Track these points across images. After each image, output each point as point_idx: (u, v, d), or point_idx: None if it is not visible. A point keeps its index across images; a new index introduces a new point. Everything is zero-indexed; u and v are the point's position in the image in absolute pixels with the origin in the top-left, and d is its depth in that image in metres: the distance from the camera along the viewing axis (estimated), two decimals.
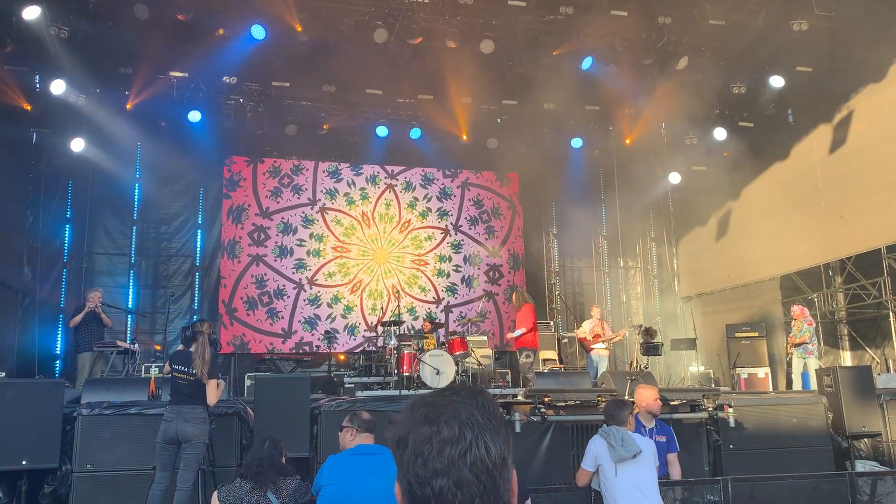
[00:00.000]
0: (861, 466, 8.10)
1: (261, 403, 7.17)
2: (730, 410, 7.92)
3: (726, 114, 13.81)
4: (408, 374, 10.31)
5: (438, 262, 15.26)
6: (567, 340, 13.94)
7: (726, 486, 6.14)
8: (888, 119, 10.59)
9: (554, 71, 12.58)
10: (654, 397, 5.94)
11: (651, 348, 11.52)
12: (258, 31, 11.14)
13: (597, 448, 5.05)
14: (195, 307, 13.69)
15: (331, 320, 14.19)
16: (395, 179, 15.24)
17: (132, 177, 13.65)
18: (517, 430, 7.36)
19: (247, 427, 7.20)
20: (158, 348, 12.39)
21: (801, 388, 10.33)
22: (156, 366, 10.67)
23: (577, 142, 14.67)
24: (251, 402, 7.38)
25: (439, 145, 14.77)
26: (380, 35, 11.29)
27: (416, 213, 15.27)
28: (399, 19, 11.33)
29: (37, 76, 11.88)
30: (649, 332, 11.71)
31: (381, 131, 14.02)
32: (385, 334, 11.42)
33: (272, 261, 14.22)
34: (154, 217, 13.80)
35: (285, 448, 4.70)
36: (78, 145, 12.27)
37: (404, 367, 10.34)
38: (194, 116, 13.00)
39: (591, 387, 8.90)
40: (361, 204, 14.97)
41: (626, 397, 7.16)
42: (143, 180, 13.75)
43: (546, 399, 7.56)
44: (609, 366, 12.01)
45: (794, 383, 10.93)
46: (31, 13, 10.15)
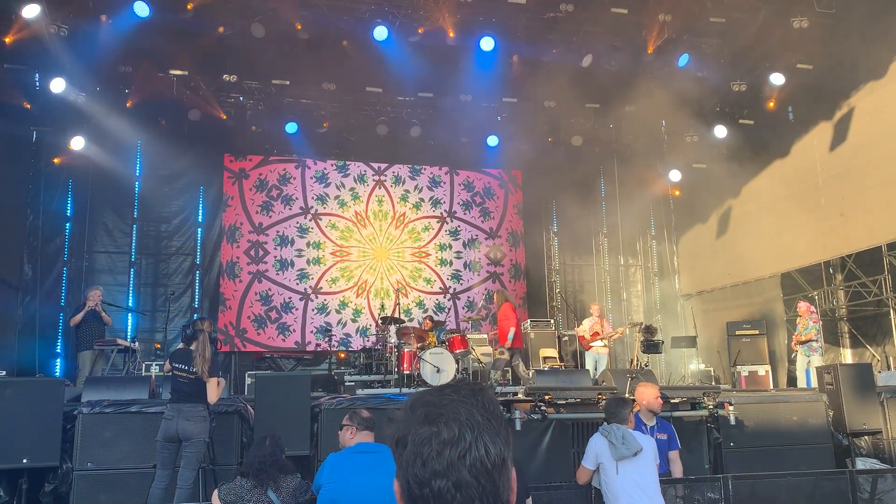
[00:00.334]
0: (861, 464, 8.09)
1: (261, 401, 7.17)
2: (730, 408, 7.91)
3: (727, 111, 13.80)
4: (408, 372, 10.31)
5: (439, 251, 15.25)
6: (567, 338, 13.93)
7: (727, 483, 6.15)
8: (889, 116, 10.58)
9: (554, 68, 12.57)
10: (654, 395, 5.94)
11: (651, 346, 11.52)
12: (258, 30, 11.13)
13: (597, 446, 5.05)
14: (195, 305, 13.69)
15: (342, 326, 14.15)
16: (384, 175, 15.19)
17: (132, 175, 13.64)
18: (517, 427, 7.36)
19: (247, 425, 7.20)
20: (158, 346, 12.40)
21: (806, 386, 10.32)
22: (156, 364, 10.67)
23: (577, 139, 14.65)
24: (251, 401, 7.39)
25: (439, 143, 14.75)
26: (380, 33, 11.28)
27: (410, 206, 15.24)
28: (399, 17, 11.32)
29: (36, 74, 11.88)
30: (650, 330, 11.70)
31: (381, 129, 14.01)
32: (384, 332, 11.43)
33: (274, 275, 14.16)
34: (154, 215, 13.79)
35: (285, 446, 4.69)
36: (78, 143, 12.26)
37: (404, 365, 10.33)
38: (194, 115, 12.98)
39: (592, 385, 8.90)
40: (354, 204, 14.91)
41: (626, 395, 7.16)
42: (143, 178, 13.74)
43: (546, 397, 7.56)
44: (609, 363, 12.00)
45: (798, 380, 10.93)
46: (31, 11, 10.14)
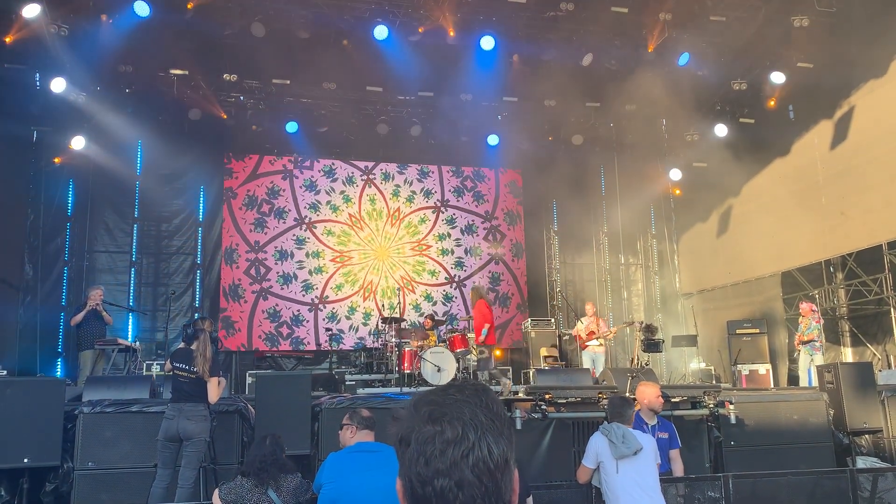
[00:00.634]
0: (862, 463, 8.09)
1: (262, 401, 7.18)
2: (731, 407, 7.91)
3: (727, 110, 13.79)
4: (409, 371, 10.32)
5: (439, 241, 15.25)
6: (567, 337, 13.95)
7: (727, 482, 6.15)
8: (889, 115, 10.57)
9: (554, 67, 12.58)
10: (656, 394, 5.94)
11: (652, 345, 11.53)
12: (258, 29, 11.13)
13: (598, 445, 5.05)
14: (196, 305, 13.70)
15: (354, 331, 14.06)
16: (373, 174, 15.15)
17: (133, 174, 13.63)
18: (518, 427, 7.36)
19: (248, 425, 7.21)
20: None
21: (808, 385, 10.31)
22: (157, 363, 10.68)
23: (577, 138, 14.64)
24: (252, 400, 7.39)
25: (440, 142, 14.76)
26: (380, 32, 11.29)
27: (403, 200, 15.21)
28: (399, 16, 11.33)
29: (37, 74, 11.87)
30: (650, 329, 11.72)
31: (382, 129, 14.01)
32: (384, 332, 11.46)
33: (279, 290, 14.11)
34: (155, 215, 13.79)
35: (286, 445, 4.70)
36: (78, 143, 12.28)
37: (405, 364, 10.35)
38: (194, 114, 12.99)
39: (592, 384, 8.91)
40: (346, 207, 14.85)
41: (627, 394, 7.17)
42: (144, 178, 13.74)
43: (547, 396, 7.56)
44: (607, 362, 12.00)
45: (800, 380, 10.93)
46: (31, 11, 10.14)
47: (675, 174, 14.87)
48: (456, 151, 15.05)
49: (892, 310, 11.11)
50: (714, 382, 11.33)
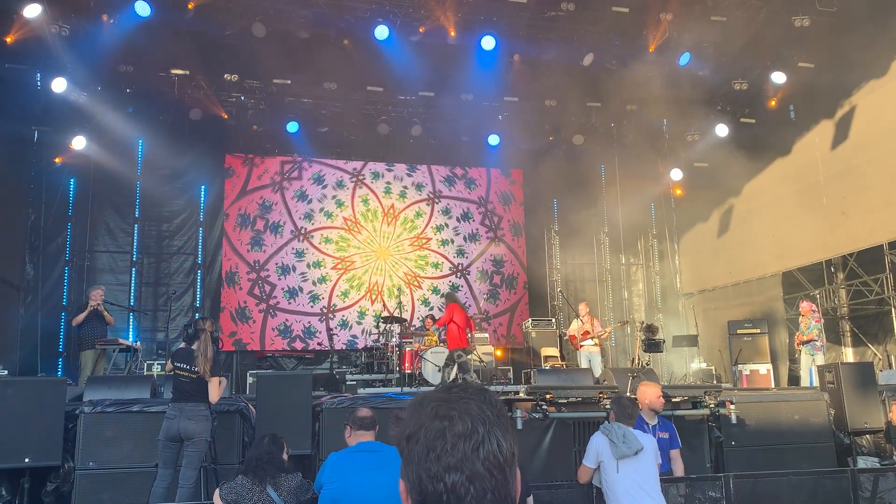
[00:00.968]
0: (863, 463, 8.09)
1: (262, 401, 7.18)
2: (731, 407, 7.91)
3: (728, 110, 13.78)
4: (409, 371, 10.32)
5: (437, 232, 15.25)
6: (567, 337, 13.94)
7: (728, 482, 6.14)
8: (890, 115, 10.57)
9: (555, 67, 12.57)
10: (657, 394, 5.94)
11: (653, 345, 11.53)
12: (259, 29, 11.13)
13: (598, 445, 5.05)
14: (197, 304, 13.71)
15: (367, 335, 13.67)
16: (362, 174, 15.08)
17: (133, 174, 13.64)
18: (519, 427, 7.37)
19: (249, 424, 7.20)
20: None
21: (809, 385, 10.31)
22: (158, 363, 10.68)
23: (578, 138, 14.64)
24: (253, 400, 7.39)
25: (440, 142, 14.77)
26: (381, 32, 11.28)
27: (396, 196, 15.19)
28: (400, 16, 11.32)
29: (38, 74, 11.88)
30: (651, 329, 11.72)
31: (383, 129, 14.01)
32: (387, 333, 11.44)
33: (286, 305, 14.06)
34: (155, 215, 13.81)
35: (287, 445, 4.70)
36: (79, 143, 12.29)
37: (406, 364, 10.35)
38: (195, 114, 12.99)
39: (593, 384, 8.90)
40: (340, 211, 14.79)
41: (628, 394, 7.16)
42: (145, 178, 13.75)
43: (548, 396, 7.56)
44: (603, 362, 11.98)
45: (802, 380, 10.92)
46: (32, 11, 10.15)
47: (676, 174, 14.87)
48: (457, 151, 15.05)
49: (892, 310, 11.10)
50: (715, 382, 11.32)
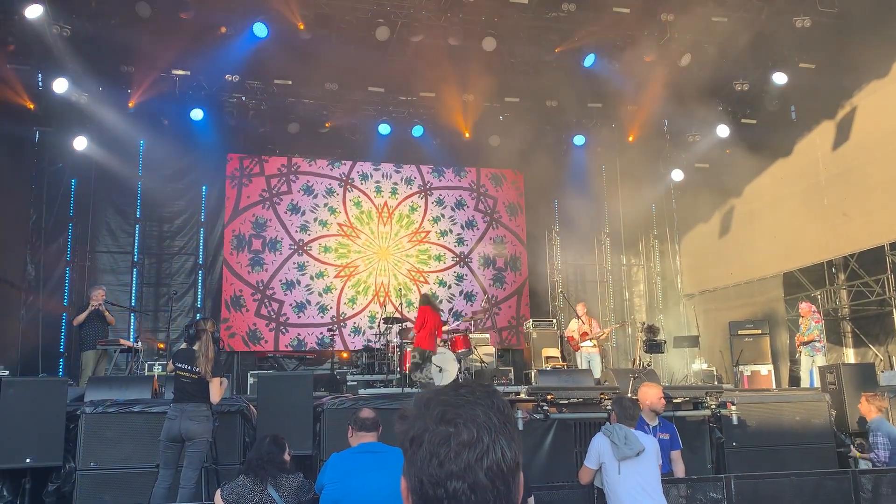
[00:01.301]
0: (864, 464, 8.08)
1: (264, 401, 7.18)
2: (733, 408, 7.91)
3: (729, 111, 13.77)
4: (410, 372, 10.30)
5: (434, 223, 15.23)
6: (567, 338, 13.93)
7: (729, 483, 6.14)
8: (891, 116, 10.56)
9: (556, 68, 12.57)
10: (658, 396, 5.94)
11: (654, 346, 11.52)
12: (260, 29, 11.14)
13: (600, 446, 5.05)
14: (198, 305, 13.71)
15: (382, 337, 12.20)
16: (351, 177, 14.96)
17: (135, 175, 13.64)
18: (520, 427, 7.35)
19: (250, 425, 7.21)
20: (162, 346, 12.41)
21: (809, 386, 10.31)
22: (159, 364, 10.68)
23: (579, 139, 14.65)
24: (254, 400, 7.40)
25: (441, 143, 14.77)
26: (382, 32, 11.28)
27: (388, 194, 15.11)
28: (401, 17, 11.32)
29: (39, 75, 11.89)
30: (652, 330, 11.71)
31: (384, 129, 14.02)
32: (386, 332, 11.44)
33: (297, 319, 14.01)
34: (157, 215, 13.81)
35: (288, 446, 4.70)
36: (80, 144, 12.29)
37: (407, 365, 10.33)
38: (196, 115, 13.00)
39: (594, 384, 8.90)
40: (334, 218, 14.66)
41: (629, 395, 7.16)
42: (146, 178, 13.76)
43: (549, 397, 7.57)
44: (603, 363, 11.97)
45: (802, 381, 10.91)
46: (34, 11, 10.15)
47: (677, 175, 14.86)
48: (458, 152, 15.04)
49: (894, 311, 11.10)
50: (716, 383, 11.31)
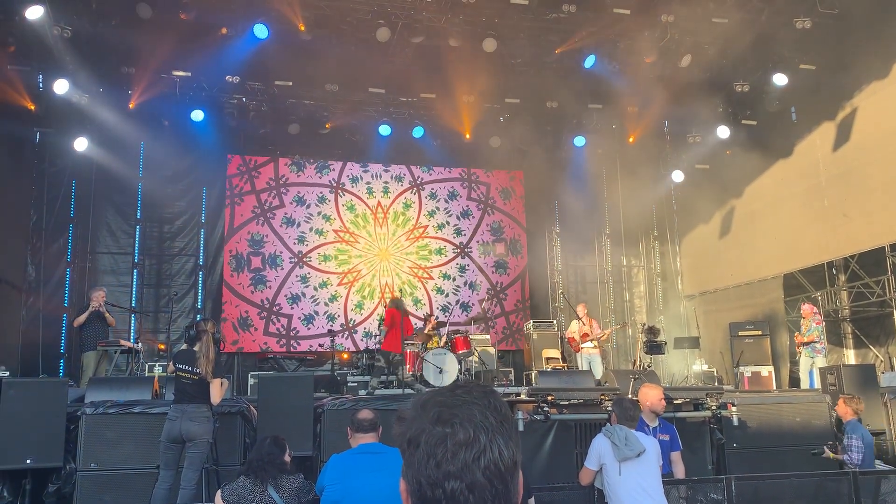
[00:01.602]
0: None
1: (264, 402, 7.19)
2: (733, 409, 7.91)
3: (729, 112, 13.78)
4: (410, 373, 10.31)
5: (430, 217, 15.22)
6: (568, 339, 13.93)
7: (730, 484, 6.13)
8: (892, 117, 10.56)
9: (556, 69, 12.58)
10: (658, 397, 5.94)
11: (654, 347, 11.52)
12: (261, 31, 11.15)
13: (600, 447, 5.04)
14: (198, 306, 13.71)
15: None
16: (341, 183, 14.89)
17: (135, 176, 13.65)
18: (520, 428, 7.36)
19: (250, 426, 7.21)
20: (162, 347, 12.41)
21: (809, 387, 10.31)
22: (159, 365, 10.68)
23: (580, 140, 14.65)
24: (254, 401, 7.40)
25: (442, 144, 14.77)
26: (382, 34, 11.29)
27: (380, 193, 15.06)
28: (402, 18, 11.33)
29: (40, 76, 11.90)
30: (653, 331, 11.70)
31: (384, 130, 14.02)
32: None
33: (306, 331, 14.02)
34: (157, 216, 13.82)
35: (289, 447, 4.70)
36: (81, 145, 12.30)
37: (407, 366, 10.33)
38: (197, 116, 13.01)
39: (594, 385, 8.90)
40: (329, 225, 14.61)
41: (629, 396, 7.16)
42: (146, 179, 13.77)
43: (549, 398, 7.56)
44: (604, 364, 11.97)
45: (802, 382, 10.91)
46: (35, 13, 10.16)
47: (678, 176, 14.87)
48: (458, 153, 15.05)
49: (894, 312, 11.09)
50: (716, 384, 11.31)
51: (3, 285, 11.61)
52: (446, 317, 13.36)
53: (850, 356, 12.37)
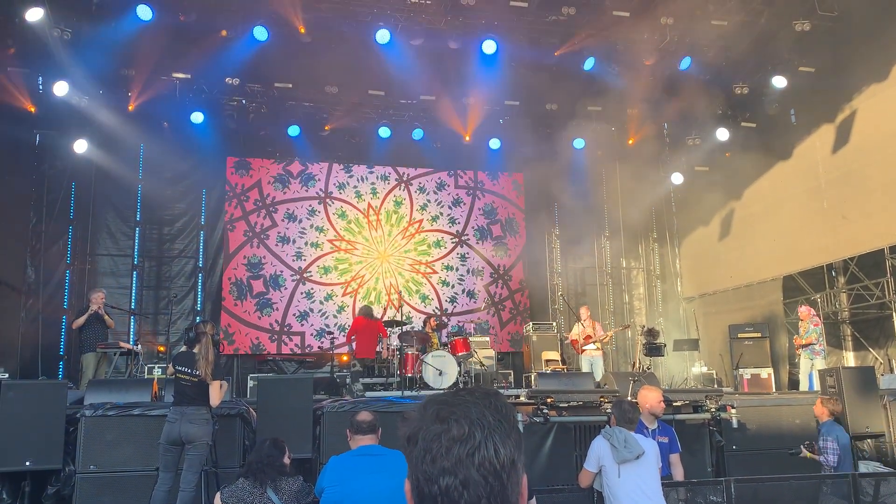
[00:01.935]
0: (864, 467, 8.06)
1: (263, 404, 7.18)
2: (732, 411, 7.91)
3: (729, 114, 13.80)
4: (410, 375, 10.30)
5: (422, 211, 15.21)
6: (570, 341, 13.93)
7: (729, 486, 6.13)
8: (891, 119, 10.58)
9: (556, 71, 12.59)
10: (658, 399, 5.93)
11: (654, 349, 11.52)
12: (260, 33, 11.15)
13: (600, 449, 5.04)
14: (198, 308, 13.70)
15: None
16: (329, 191, 14.78)
17: (135, 178, 13.64)
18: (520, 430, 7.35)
19: (249, 428, 7.21)
20: (162, 349, 12.41)
21: (808, 390, 10.30)
22: (159, 367, 10.68)
23: (579, 142, 14.65)
24: (254, 403, 7.39)
25: (441, 146, 14.77)
26: (382, 36, 11.30)
27: (368, 195, 14.98)
28: (401, 20, 11.34)
29: (40, 77, 11.90)
30: (652, 333, 11.70)
31: (384, 132, 14.02)
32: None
33: (320, 345, 13.89)
34: (157, 218, 13.81)
35: (288, 449, 4.70)
36: (81, 147, 12.31)
37: (407, 368, 10.32)
38: (197, 118, 13.01)
39: (594, 387, 8.90)
40: (323, 236, 14.51)
41: (629, 398, 7.15)
42: (146, 181, 13.76)
43: (549, 400, 7.57)
44: (606, 366, 11.98)
45: (801, 384, 10.91)
46: (34, 15, 10.17)
47: (677, 178, 14.88)
48: (457, 155, 15.05)
49: (893, 314, 11.10)
50: (716, 386, 11.31)
51: (3, 287, 11.62)
52: (453, 307, 13.60)
53: (850, 358, 12.37)
